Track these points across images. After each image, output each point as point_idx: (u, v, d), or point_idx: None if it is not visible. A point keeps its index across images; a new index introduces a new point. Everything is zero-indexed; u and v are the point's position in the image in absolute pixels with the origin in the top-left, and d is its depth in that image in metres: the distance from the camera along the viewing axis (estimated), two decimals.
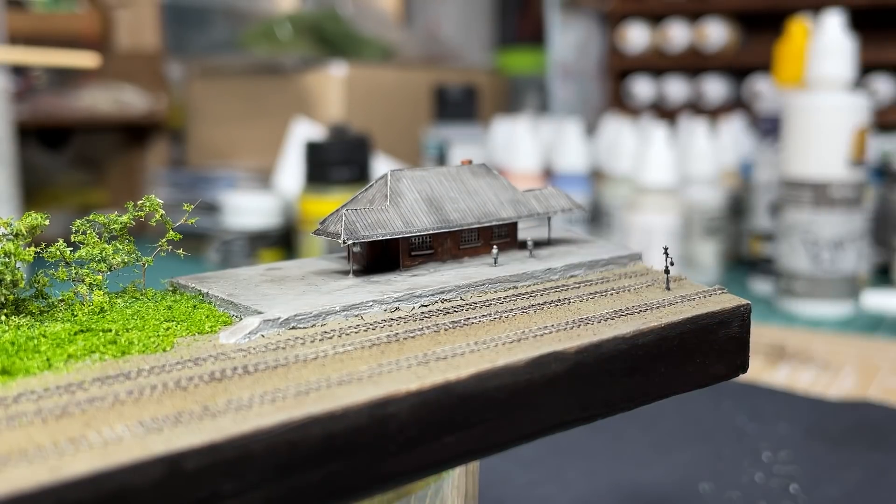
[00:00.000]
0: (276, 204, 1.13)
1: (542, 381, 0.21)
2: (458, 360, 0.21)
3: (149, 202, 0.24)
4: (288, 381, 0.20)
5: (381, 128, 1.34)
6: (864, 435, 0.56)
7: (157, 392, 0.19)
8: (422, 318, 0.24)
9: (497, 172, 0.31)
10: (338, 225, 0.26)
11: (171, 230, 0.25)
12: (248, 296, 0.25)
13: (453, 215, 0.28)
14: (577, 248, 0.31)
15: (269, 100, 1.38)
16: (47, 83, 1.46)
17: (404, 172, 0.28)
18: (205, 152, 1.45)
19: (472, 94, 1.27)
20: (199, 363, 0.21)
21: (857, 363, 0.72)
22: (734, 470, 0.51)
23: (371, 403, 0.19)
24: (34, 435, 0.17)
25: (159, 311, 0.23)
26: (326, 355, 0.21)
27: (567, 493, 0.49)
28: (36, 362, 0.20)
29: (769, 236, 0.96)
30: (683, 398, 0.57)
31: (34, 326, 0.21)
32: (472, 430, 0.20)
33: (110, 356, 0.20)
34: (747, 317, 0.26)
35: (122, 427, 0.17)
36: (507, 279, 0.27)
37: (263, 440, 0.18)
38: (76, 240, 0.23)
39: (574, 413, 0.22)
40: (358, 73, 1.35)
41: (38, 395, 0.19)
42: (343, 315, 0.24)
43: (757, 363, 0.72)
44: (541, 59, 1.65)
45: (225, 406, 0.19)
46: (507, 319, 0.24)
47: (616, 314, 0.24)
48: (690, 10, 1.45)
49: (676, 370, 0.24)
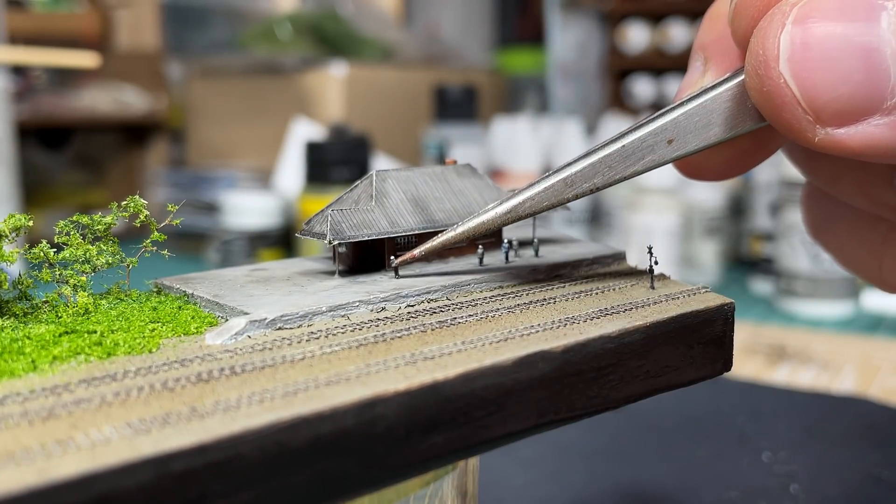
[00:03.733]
0: (275, 204, 1.14)
1: (529, 380, 0.21)
2: (446, 360, 0.21)
3: (133, 203, 0.23)
4: (276, 382, 0.20)
5: (381, 128, 1.34)
6: (863, 434, 0.56)
7: (143, 393, 0.19)
8: (408, 318, 0.24)
9: (482, 173, 0.31)
10: (323, 225, 0.26)
11: (156, 231, 0.25)
12: (233, 296, 0.25)
13: (439, 215, 0.28)
14: (561, 247, 0.31)
15: (269, 100, 1.38)
16: (47, 83, 1.47)
17: (389, 172, 0.28)
18: (205, 152, 1.45)
19: (471, 94, 1.27)
20: (185, 364, 0.20)
21: (857, 363, 0.72)
22: (734, 470, 0.51)
23: (359, 403, 0.19)
24: (21, 437, 0.17)
25: (144, 313, 0.23)
26: (314, 356, 0.21)
27: (567, 493, 0.49)
28: (21, 364, 0.20)
29: (769, 236, 0.96)
30: (683, 398, 0.57)
31: (18, 328, 0.21)
32: (460, 429, 0.20)
33: (96, 358, 0.20)
34: (731, 315, 0.26)
35: (109, 429, 0.17)
36: (492, 279, 0.27)
37: (252, 441, 0.18)
38: (60, 241, 0.23)
39: (561, 412, 0.22)
40: (358, 73, 1.35)
41: (23, 396, 0.19)
42: (330, 315, 0.24)
43: (757, 363, 0.72)
44: (541, 59, 1.65)
45: (213, 407, 0.18)
46: (493, 319, 0.24)
47: (602, 313, 0.24)
48: (690, 10, 1.45)
49: (662, 368, 0.24)
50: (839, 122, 0.22)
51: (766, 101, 0.22)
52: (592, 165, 0.25)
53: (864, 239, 0.30)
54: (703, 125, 0.25)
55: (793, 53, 0.22)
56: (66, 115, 1.44)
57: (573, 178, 0.26)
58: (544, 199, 0.26)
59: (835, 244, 0.32)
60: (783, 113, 0.22)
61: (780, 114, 0.22)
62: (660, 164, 0.25)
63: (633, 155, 0.25)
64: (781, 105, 0.22)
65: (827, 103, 0.22)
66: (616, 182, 0.26)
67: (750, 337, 0.79)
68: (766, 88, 0.22)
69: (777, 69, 0.22)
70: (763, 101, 0.23)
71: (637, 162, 0.25)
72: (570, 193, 0.26)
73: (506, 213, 0.26)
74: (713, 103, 0.25)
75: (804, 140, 0.22)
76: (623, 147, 0.25)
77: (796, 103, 0.22)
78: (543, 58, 1.62)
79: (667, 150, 0.25)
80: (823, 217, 0.32)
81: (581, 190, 0.26)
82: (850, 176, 0.28)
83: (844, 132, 0.22)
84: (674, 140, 0.25)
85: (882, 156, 0.22)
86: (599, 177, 0.25)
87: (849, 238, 0.31)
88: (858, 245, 0.30)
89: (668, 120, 0.25)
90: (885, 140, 0.21)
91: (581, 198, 0.26)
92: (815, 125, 0.22)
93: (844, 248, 0.31)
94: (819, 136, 0.22)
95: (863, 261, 0.30)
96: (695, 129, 0.25)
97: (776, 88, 0.22)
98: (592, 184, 0.26)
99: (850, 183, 0.28)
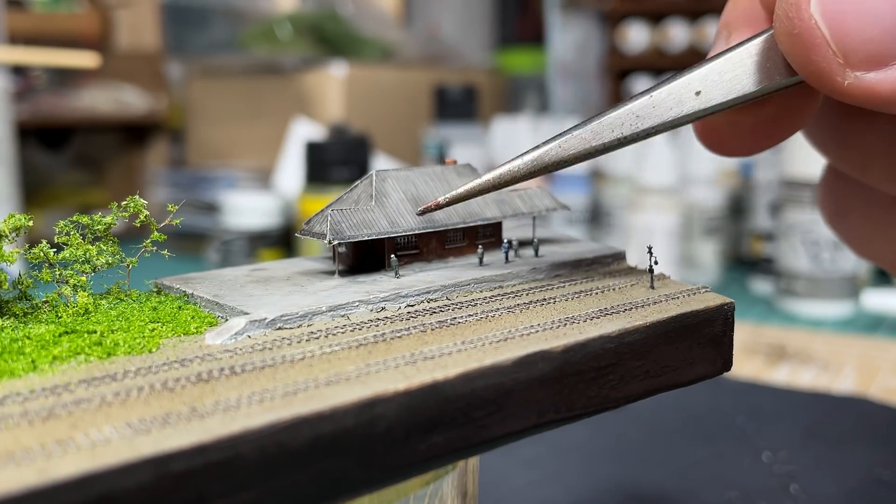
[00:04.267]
0: (275, 204, 1.14)
1: (529, 380, 0.21)
2: (446, 360, 0.21)
3: (133, 202, 0.23)
4: (275, 382, 0.20)
5: (381, 128, 1.34)
6: (863, 434, 0.56)
7: (143, 393, 0.19)
8: (408, 318, 0.24)
9: (482, 173, 0.31)
10: (323, 225, 0.26)
11: (156, 231, 0.25)
12: (233, 296, 0.25)
13: (438, 215, 0.28)
14: (561, 247, 0.31)
15: (269, 100, 1.38)
16: (47, 83, 1.47)
17: (389, 172, 0.28)
18: (205, 152, 1.45)
19: (471, 94, 1.27)
20: (185, 364, 0.20)
21: (857, 363, 0.72)
22: (734, 470, 0.51)
23: (359, 403, 0.19)
24: (21, 437, 0.17)
25: (144, 313, 0.23)
26: (314, 356, 0.21)
27: (567, 493, 0.49)
28: (21, 364, 0.20)
29: (769, 236, 0.96)
30: (683, 398, 0.57)
31: (18, 328, 0.21)
32: (460, 429, 0.20)
33: (96, 358, 0.20)
34: (731, 315, 0.26)
35: (109, 429, 0.17)
36: (492, 279, 0.27)
37: (252, 441, 0.18)
38: (60, 241, 0.23)
39: (561, 412, 0.22)
40: (358, 73, 1.35)
41: (23, 396, 0.19)
42: (329, 315, 0.24)
43: (757, 363, 0.72)
44: (541, 59, 1.65)
45: (213, 407, 0.18)
46: (493, 319, 0.24)
47: (601, 313, 0.24)
48: (690, 10, 1.45)
49: (662, 368, 0.24)
50: (869, 65, 0.22)
51: (797, 43, 0.23)
52: (619, 115, 0.25)
53: (879, 224, 0.30)
54: (729, 78, 0.25)
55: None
56: (66, 115, 1.44)
57: (601, 126, 0.25)
58: (571, 147, 0.25)
59: (850, 231, 0.32)
60: (813, 55, 0.22)
61: (809, 57, 0.22)
62: (687, 118, 0.25)
63: (662, 105, 0.25)
64: (812, 47, 0.22)
65: (858, 45, 0.22)
66: (643, 134, 0.25)
67: (750, 337, 0.79)
68: (796, 31, 0.22)
69: (808, 10, 0.22)
70: (793, 45, 0.23)
71: (665, 112, 0.25)
72: (597, 142, 0.25)
73: (532, 160, 0.25)
74: (740, 57, 0.25)
75: (833, 86, 0.22)
76: (651, 97, 0.25)
77: (826, 45, 0.22)
78: (543, 58, 1.62)
79: (695, 102, 0.25)
80: (840, 202, 0.32)
81: (608, 140, 0.25)
82: (881, 161, 0.28)
83: (874, 77, 0.22)
84: (701, 92, 0.25)
85: None
86: (626, 126, 0.25)
87: (864, 224, 0.31)
88: (874, 230, 0.30)
89: (695, 73, 0.25)
90: None
91: (608, 150, 0.26)
92: (845, 68, 0.22)
93: (860, 235, 0.31)
94: (849, 80, 0.22)
95: (878, 246, 0.31)
96: (722, 82, 0.25)
97: (807, 30, 0.22)
98: (620, 133, 0.25)
99: (881, 169, 0.28)
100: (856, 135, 0.28)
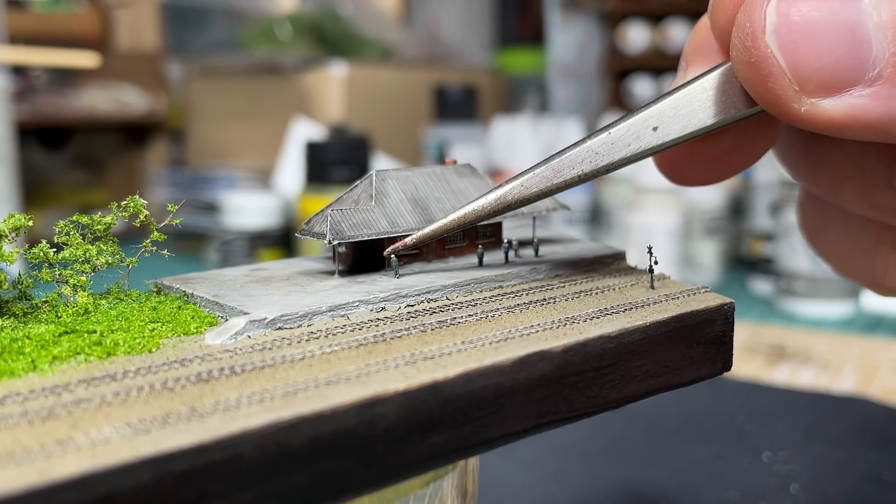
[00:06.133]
0: (275, 204, 1.14)
1: (529, 380, 0.21)
2: (446, 360, 0.21)
3: (133, 203, 0.23)
4: (275, 382, 0.20)
5: (381, 128, 1.34)
6: (863, 434, 0.56)
7: (143, 393, 0.19)
8: (408, 318, 0.24)
9: (482, 173, 0.31)
10: (323, 225, 0.26)
11: (156, 231, 0.25)
12: (233, 296, 0.25)
13: (438, 215, 0.28)
14: (561, 247, 0.31)
15: (269, 100, 1.38)
16: (47, 83, 1.47)
17: (389, 172, 0.28)
18: (204, 152, 1.45)
19: (471, 94, 1.27)
20: (185, 364, 0.20)
21: (857, 363, 0.72)
22: (734, 470, 0.51)
23: (359, 403, 0.19)
24: (21, 437, 0.17)
25: (144, 312, 0.23)
26: (314, 355, 0.21)
27: (566, 493, 0.49)
28: (20, 364, 0.20)
29: (769, 236, 0.96)
30: (683, 398, 0.57)
31: (18, 328, 0.21)
32: (460, 429, 0.20)
33: (95, 357, 0.20)
34: (731, 315, 0.26)
35: (109, 428, 0.17)
36: (492, 279, 0.27)
37: (252, 441, 0.18)
38: (60, 241, 0.23)
39: (561, 412, 0.22)
40: (358, 73, 1.35)
41: (23, 396, 0.19)
42: (329, 315, 0.24)
43: (757, 363, 0.72)
44: (541, 59, 1.65)
45: (212, 407, 0.18)
46: (493, 319, 0.24)
47: (601, 313, 0.24)
48: (690, 10, 1.45)
49: (662, 368, 0.24)
50: (824, 92, 0.22)
51: (753, 72, 0.23)
52: (579, 152, 0.26)
53: (856, 242, 0.30)
54: (686, 112, 0.25)
55: (779, 25, 0.22)
56: (66, 115, 1.44)
57: (561, 164, 0.26)
58: (532, 185, 0.26)
59: (829, 248, 0.32)
60: (770, 84, 0.23)
61: (766, 85, 0.23)
62: (646, 152, 0.26)
63: (619, 142, 0.26)
64: (768, 75, 0.23)
65: (812, 73, 0.22)
66: (603, 170, 0.26)
67: (750, 337, 0.79)
68: (753, 59, 0.23)
69: (764, 40, 0.22)
70: (750, 74, 0.23)
71: (623, 149, 0.26)
72: (558, 180, 0.26)
73: (495, 199, 0.26)
74: (696, 91, 0.25)
75: (789, 112, 0.23)
76: (609, 134, 0.26)
77: (782, 73, 0.22)
78: (543, 58, 1.62)
79: (652, 137, 0.26)
80: (817, 222, 0.32)
81: (569, 177, 0.26)
82: (850, 182, 0.28)
83: (829, 103, 0.22)
84: (658, 127, 0.26)
85: (865, 129, 0.22)
86: (587, 163, 0.26)
87: (842, 242, 0.31)
88: (851, 248, 0.30)
89: (653, 108, 0.26)
90: (868, 111, 0.22)
91: (570, 187, 0.26)
92: (801, 95, 0.22)
93: (838, 252, 0.32)
94: (805, 107, 0.22)
95: (856, 264, 0.31)
96: (678, 116, 0.25)
97: (763, 58, 0.22)
98: (580, 170, 0.26)
99: (851, 190, 0.28)
100: (824, 158, 0.28)
